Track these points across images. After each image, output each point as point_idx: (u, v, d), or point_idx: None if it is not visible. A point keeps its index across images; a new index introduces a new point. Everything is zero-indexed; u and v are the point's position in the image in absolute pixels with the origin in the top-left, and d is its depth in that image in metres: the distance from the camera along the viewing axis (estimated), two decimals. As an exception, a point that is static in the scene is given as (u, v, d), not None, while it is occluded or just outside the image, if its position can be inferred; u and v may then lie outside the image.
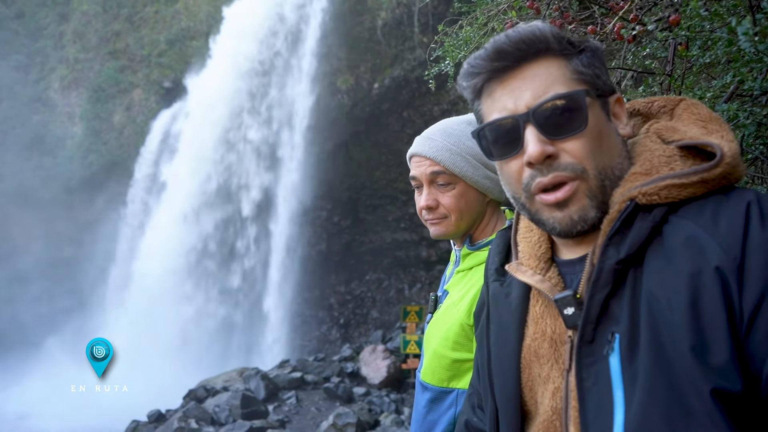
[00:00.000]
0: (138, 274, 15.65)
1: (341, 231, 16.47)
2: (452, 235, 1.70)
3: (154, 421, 8.57)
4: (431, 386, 1.66)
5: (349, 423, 5.15)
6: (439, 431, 1.63)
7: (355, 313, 15.84)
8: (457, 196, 1.65)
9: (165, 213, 15.08)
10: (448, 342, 1.61)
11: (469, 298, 1.58)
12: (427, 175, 1.66)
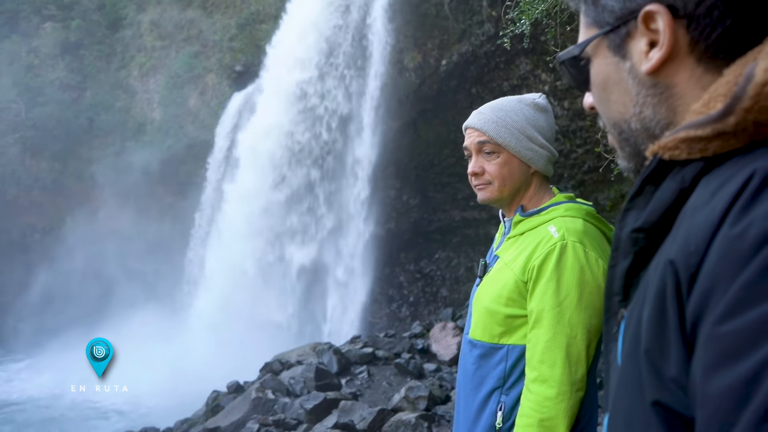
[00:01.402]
0: (215, 251, 16.29)
1: (410, 210, 16.50)
2: (496, 201, 1.86)
3: (233, 391, 8.95)
4: (481, 343, 1.76)
5: (420, 396, 5.22)
6: (489, 386, 1.73)
7: (425, 292, 15.90)
8: (501, 165, 1.80)
9: (240, 191, 15.56)
10: (502, 299, 1.72)
11: (524, 258, 1.71)
12: (475, 144, 1.84)
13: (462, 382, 1.85)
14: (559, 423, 1.57)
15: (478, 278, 1.91)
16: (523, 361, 1.69)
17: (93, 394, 14.42)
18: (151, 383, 13.54)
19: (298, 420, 6.25)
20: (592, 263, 1.63)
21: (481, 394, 1.74)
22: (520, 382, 1.69)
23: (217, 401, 9.00)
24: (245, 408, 7.01)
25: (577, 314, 1.61)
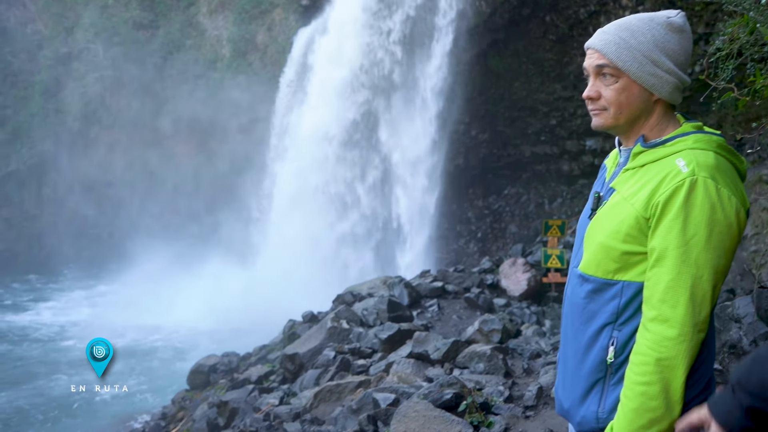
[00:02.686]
0: (283, 190, 16.67)
1: (478, 145, 16.24)
2: (611, 128, 1.75)
3: (308, 321, 9.33)
4: (594, 278, 1.70)
5: (494, 329, 5.29)
6: (601, 321, 1.69)
7: (493, 228, 15.81)
8: (619, 90, 1.69)
9: (307, 127, 15.71)
10: (620, 234, 1.64)
11: (647, 193, 1.61)
12: (593, 66, 1.73)
13: (570, 315, 1.82)
14: (678, 364, 1.54)
15: (590, 210, 1.83)
16: (638, 299, 1.64)
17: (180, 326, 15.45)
18: (231, 313, 14.33)
19: (373, 349, 6.48)
20: (724, 201, 1.54)
21: (591, 329, 1.71)
22: (634, 319, 1.65)
23: (293, 330, 9.42)
24: (321, 336, 7.31)
25: (704, 254, 1.53)
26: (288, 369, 7.35)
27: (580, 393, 1.75)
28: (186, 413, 9.29)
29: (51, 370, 13.75)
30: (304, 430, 4.84)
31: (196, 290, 16.20)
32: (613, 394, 1.68)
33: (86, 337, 15.60)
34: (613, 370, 1.68)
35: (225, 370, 9.99)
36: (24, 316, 17.98)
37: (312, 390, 6.07)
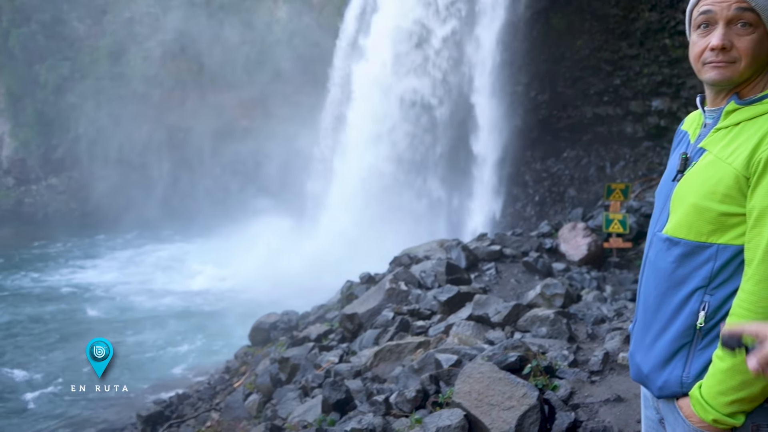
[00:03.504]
0: (342, 144, 16.76)
1: (537, 106, 15.82)
2: (734, 82, 1.64)
3: (365, 282, 9.45)
4: (685, 241, 1.65)
5: (557, 294, 5.23)
6: (692, 286, 1.64)
7: (551, 191, 15.50)
8: (756, 41, 1.58)
9: (365, 84, 15.65)
10: (716, 195, 1.58)
11: (747, 151, 1.54)
12: (731, 11, 1.59)
13: (654, 280, 1.76)
14: None
15: (676, 172, 1.76)
16: (733, 262, 1.58)
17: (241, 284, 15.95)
18: (291, 271, 14.69)
19: (432, 310, 6.53)
20: None
21: (681, 294, 1.66)
22: (729, 283, 1.59)
23: (351, 290, 9.57)
24: (380, 297, 7.41)
25: None
26: (347, 328, 7.50)
27: (663, 358, 1.71)
28: (248, 368, 9.67)
29: (124, 325, 14.52)
30: (366, 387, 4.95)
31: (257, 249, 16.66)
32: (699, 359, 1.64)
33: (152, 295, 16.35)
34: (702, 335, 1.63)
35: (284, 327, 10.29)
36: (90, 274, 18.91)
37: (371, 349, 6.19)
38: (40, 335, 13.74)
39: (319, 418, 4.40)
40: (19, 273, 18.77)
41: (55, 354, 12.60)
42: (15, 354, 12.58)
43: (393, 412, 4.09)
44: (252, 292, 15.31)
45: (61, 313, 15.26)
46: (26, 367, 11.72)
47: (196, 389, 9.72)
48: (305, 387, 6.00)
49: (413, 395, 4.06)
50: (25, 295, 16.73)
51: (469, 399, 3.41)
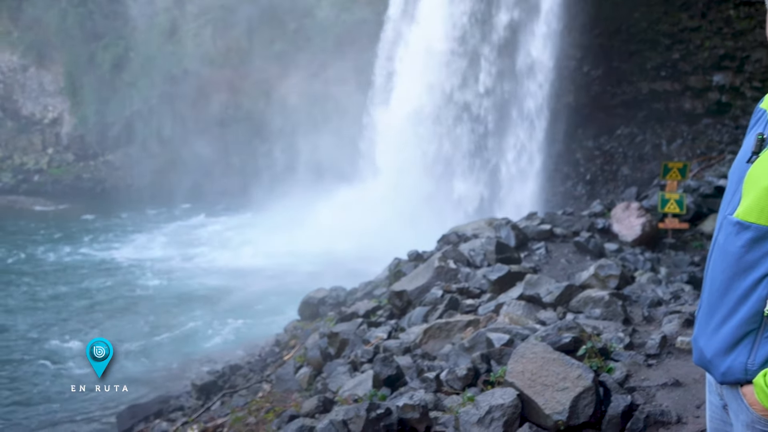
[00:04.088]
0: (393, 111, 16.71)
1: (591, 82, 15.38)
2: None
3: (413, 259, 9.46)
4: (756, 225, 1.61)
5: (611, 275, 5.13)
6: (761, 272, 1.61)
7: (603, 170, 15.12)
8: None
9: (414, 54, 15.50)
10: None
11: None
12: None
13: (720, 264, 1.73)
14: None
15: (751, 153, 1.71)
16: None
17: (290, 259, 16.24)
18: (337, 250, 14.85)
19: (481, 289, 6.51)
20: None
21: (749, 279, 1.62)
22: None
23: (399, 267, 9.60)
24: (429, 275, 7.42)
25: None
26: (395, 305, 7.56)
27: (728, 344, 1.68)
28: (297, 341, 9.87)
29: (177, 299, 15.00)
30: (416, 363, 5.00)
31: (306, 225, 16.90)
32: (766, 347, 1.61)
33: (203, 269, 16.76)
34: None
35: (333, 303, 10.44)
36: (142, 248, 19.52)
37: (420, 326, 6.22)
38: (93, 307, 14.31)
39: (370, 392, 4.47)
40: (74, 246, 19.56)
41: (108, 326, 13.12)
42: (68, 325, 13.14)
43: (444, 389, 4.13)
44: (301, 267, 15.56)
45: (116, 286, 15.84)
46: (81, 339, 12.24)
47: (247, 361, 10.00)
48: (354, 362, 6.09)
49: (464, 373, 4.08)
50: (78, 268, 17.42)
51: (522, 379, 3.40)
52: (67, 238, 20.43)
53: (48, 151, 26.97)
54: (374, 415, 3.55)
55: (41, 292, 15.38)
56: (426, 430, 3.52)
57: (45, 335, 12.57)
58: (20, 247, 19.17)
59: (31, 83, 26.75)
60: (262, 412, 5.70)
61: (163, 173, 23.78)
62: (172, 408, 8.70)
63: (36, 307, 14.20)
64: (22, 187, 26.21)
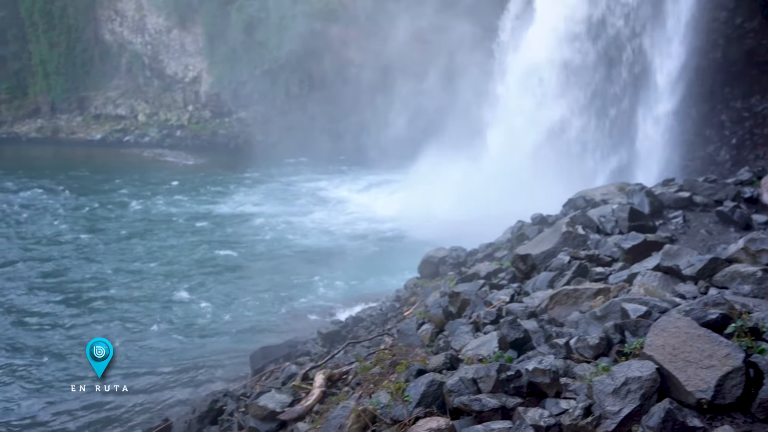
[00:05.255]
0: (512, 77, 16.24)
1: (743, 35, 13.90)
2: None
3: (537, 223, 9.27)
4: None
5: (764, 249, 4.72)
6: None
7: (753, 133, 13.77)
8: None
9: (544, 21, 14.88)
10: None
11: None
12: None
13: None
14: None
15: None
16: None
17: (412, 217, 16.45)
18: (457, 211, 14.84)
19: (612, 257, 6.27)
20: None
21: None
22: None
23: (522, 231, 9.45)
24: (555, 240, 7.25)
25: None
26: (519, 268, 7.47)
27: None
28: (417, 298, 10.11)
29: (301, 254, 15.75)
30: (542, 328, 4.95)
31: (428, 185, 17.02)
32: None
33: (328, 225, 17.39)
34: None
35: (453, 263, 10.53)
36: (267, 204, 20.54)
37: (545, 292, 6.13)
38: (223, 258, 15.25)
39: (496, 353, 4.50)
40: (206, 198, 20.95)
41: (236, 277, 14.02)
42: (194, 277, 14.02)
43: (573, 357, 4.07)
44: (421, 226, 15.76)
45: (242, 239, 16.75)
46: (200, 295, 13.08)
47: (368, 314, 10.41)
48: (477, 322, 6.13)
49: (596, 342, 4.00)
50: (208, 220, 18.61)
51: (662, 353, 3.28)
52: (202, 190, 22.00)
53: (188, 108, 29.00)
54: (504, 376, 3.60)
55: (171, 241, 16.55)
56: (556, 395, 3.51)
57: (174, 282, 13.59)
58: (163, 197, 20.90)
59: (174, 44, 28.71)
60: (386, 364, 5.93)
61: (290, 131, 24.80)
62: (300, 353, 9.28)
63: (164, 257, 15.28)
64: (166, 141, 28.51)
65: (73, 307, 12.13)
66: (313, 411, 5.85)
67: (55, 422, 8.35)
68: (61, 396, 8.92)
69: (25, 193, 20.90)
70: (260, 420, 5.90)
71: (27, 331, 11.15)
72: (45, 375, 9.60)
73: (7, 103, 31.44)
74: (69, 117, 30.91)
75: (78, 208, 19.49)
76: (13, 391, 9.15)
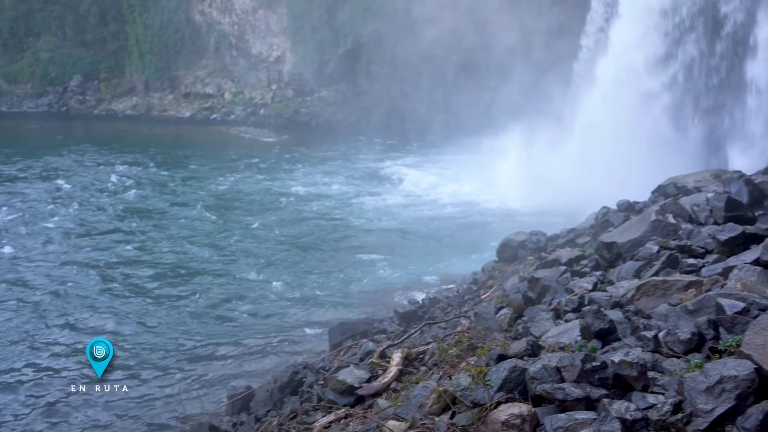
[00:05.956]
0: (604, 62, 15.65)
1: None
2: None
3: (623, 210, 8.94)
4: None
5: None
6: None
7: None
8: None
9: None
10: None
11: None
12: None
13: None
14: None
15: None
16: None
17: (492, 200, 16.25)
18: (538, 195, 14.55)
19: (706, 249, 5.97)
20: None
21: None
22: None
23: (607, 217, 9.15)
24: (643, 228, 6.98)
25: None
26: (603, 256, 7.26)
27: None
28: (495, 282, 10.01)
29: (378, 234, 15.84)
30: (628, 319, 4.81)
31: (507, 168, 16.75)
32: None
33: (404, 204, 17.44)
34: None
35: (533, 247, 10.34)
36: (345, 182, 20.79)
37: (631, 282, 5.93)
38: (299, 238, 15.49)
39: (579, 342, 4.43)
40: (288, 175, 21.41)
41: (316, 255, 14.28)
42: (275, 254, 14.37)
43: (662, 351, 3.95)
44: (501, 209, 15.57)
45: (317, 219, 16.94)
46: (276, 271, 13.34)
47: (445, 295, 10.44)
48: (557, 309, 6.03)
49: (687, 337, 3.85)
50: (288, 197, 19.00)
51: (762, 353, 3.12)
52: (281, 167, 22.54)
53: (272, 87, 29.76)
54: (590, 367, 3.54)
55: (248, 217, 16.97)
56: (643, 389, 3.43)
57: (251, 259, 13.96)
58: (244, 174, 21.55)
59: (259, 24, 29.43)
60: (464, 346, 5.95)
61: (370, 110, 24.97)
62: (376, 330, 9.44)
63: (244, 234, 15.70)
64: (250, 119, 29.44)
65: (157, 280, 12.65)
66: (390, 388, 5.96)
67: (154, 382, 8.91)
68: (163, 361, 9.50)
69: (120, 167, 22.18)
70: (338, 393, 6.07)
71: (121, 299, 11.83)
72: (139, 339, 10.21)
73: (106, 81, 33.37)
74: (161, 95, 32.46)
75: (164, 183, 20.48)
76: (123, 350, 9.83)
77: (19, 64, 33.67)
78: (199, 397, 8.47)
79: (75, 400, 8.36)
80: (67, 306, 11.39)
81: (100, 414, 8.10)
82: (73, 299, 11.67)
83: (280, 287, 12.33)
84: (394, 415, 4.16)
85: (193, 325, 10.74)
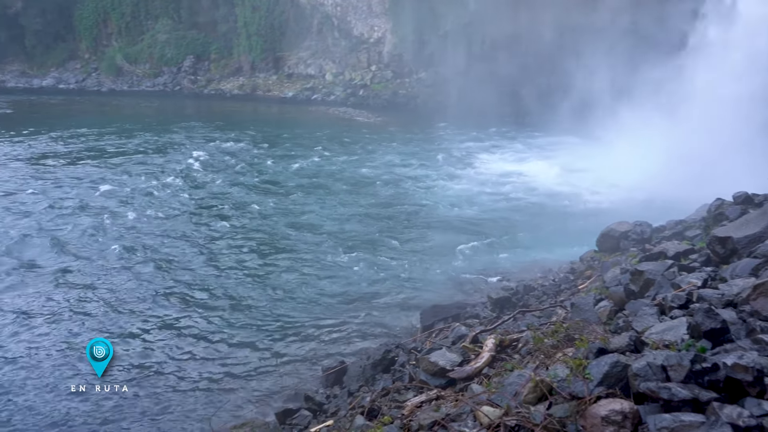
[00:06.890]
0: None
1: None
2: None
3: (740, 203, 8.35)
4: None
5: None
6: None
7: None
8: None
9: None
10: None
11: None
12: None
13: None
14: None
15: None
16: None
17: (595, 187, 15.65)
18: (644, 183, 13.85)
19: (837, 249, 5.49)
20: None
21: None
22: None
23: (721, 210, 8.58)
24: (764, 223, 6.49)
25: None
26: (715, 251, 6.84)
27: None
28: (594, 272, 9.68)
29: (468, 218, 15.69)
30: (742, 320, 4.53)
31: (615, 156, 16.09)
32: None
33: (499, 188, 17.15)
34: None
35: (636, 238, 9.88)
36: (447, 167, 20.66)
37: (747, 280, 5.55)
38: (389, 219, 15.56)
39: (686, 342, 4.21)
40: (382, 156, 21.52)
41: (412, 236, 14.35)
42: (370, 232, 14.51)
43: (782, 356, 3.69)
44: (605, 197, 14.98)
45: (408, 201, 16.91)
46: (366, 252, 13.54)
47: (540, 283, 10.20)
48: (662, 305, 5.76)
49: (812, 344, 3.58)
50: (382, 178, 19.17)
51: None
52: (377, 148, 22.73)
53: (371, 68, 30.04)
54: (699, 368, 3.37)
55: (337, 198, 17.20)
56: (758, 395, 3.23)
57: (339, 240, 14.22)
58: (339, 155, 21.92)
59: (361, 5, 29.71)
60: (560, 337, 5.84)
61: (470, 92, 24.60)
62: (468, 315, 9.41)
63: (333, 214, 15.94)
64: (350, 100, 29.92)
65: (247, 256, 13.09)
66: (482, 373, 5.96)
67: (251, 355, 9.41)
68: (256, 337, 9.98)
69: (226, 144, 23.27)
70: (430, 375, 6.15)
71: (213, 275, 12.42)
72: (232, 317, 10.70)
73: (215, 62, 35.04)
74: (266, 76, 33.65)
75: (261, 160, 21.24)
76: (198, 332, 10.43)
77: (139, 45, 36.03)
78: (294, 372, 8.82)
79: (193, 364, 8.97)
80: (166, 276, 12.10)
81: (216, 381, 8.65)
82: (174, 270, 12.38)
83: (368, 268, 12.46)
84: (488, 400, 4.17)
85: (282, 303, 11.04)
